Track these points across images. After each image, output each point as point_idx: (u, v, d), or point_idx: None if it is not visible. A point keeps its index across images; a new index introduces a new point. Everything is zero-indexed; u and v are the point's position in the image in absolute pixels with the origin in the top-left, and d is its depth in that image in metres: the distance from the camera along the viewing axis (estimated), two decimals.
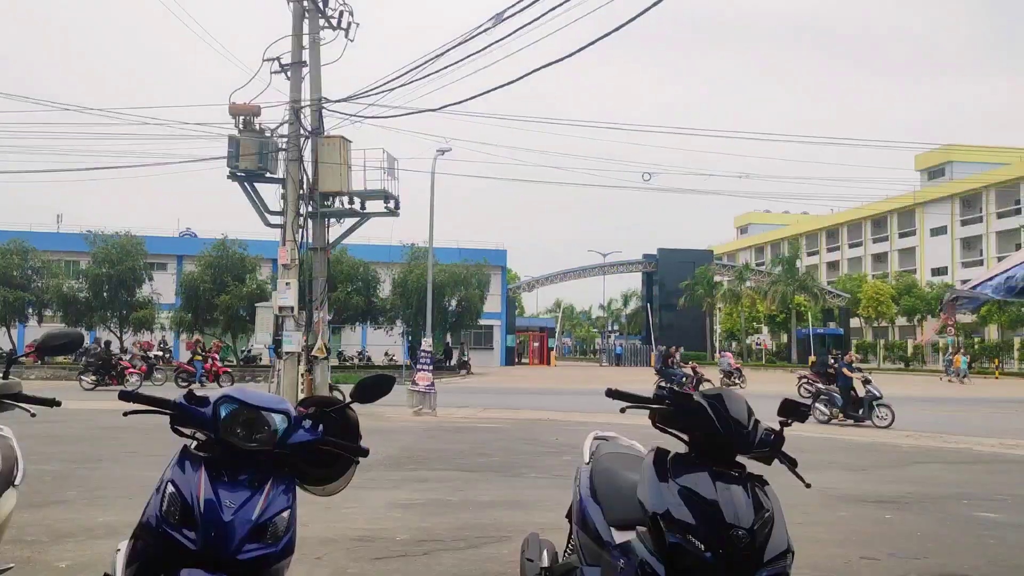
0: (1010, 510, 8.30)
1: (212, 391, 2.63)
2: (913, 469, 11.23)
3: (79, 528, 6.51)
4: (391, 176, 19.44)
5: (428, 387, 18.44)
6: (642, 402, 2.91)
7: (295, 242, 17.44)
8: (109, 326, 39.20)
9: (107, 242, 38.30)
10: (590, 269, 69.52)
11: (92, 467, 9.86)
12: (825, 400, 18.23)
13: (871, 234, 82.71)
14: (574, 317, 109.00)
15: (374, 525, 6.85)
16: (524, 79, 14.20)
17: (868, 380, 17.78)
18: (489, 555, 5.95)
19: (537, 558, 3.68)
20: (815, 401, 18.34)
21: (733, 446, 2.70)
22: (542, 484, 9.18)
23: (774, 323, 67.65)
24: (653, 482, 2.65)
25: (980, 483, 10.12)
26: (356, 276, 40.19)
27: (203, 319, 37.82)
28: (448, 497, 8.25)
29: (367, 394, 2.84)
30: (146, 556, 2.35)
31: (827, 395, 18.23)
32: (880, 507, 8.24)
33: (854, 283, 67.50)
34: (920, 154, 73.52)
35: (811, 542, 6.33)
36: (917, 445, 14.11)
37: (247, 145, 17.86)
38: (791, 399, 2.89)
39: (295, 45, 17.54)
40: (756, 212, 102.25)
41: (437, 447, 12.51)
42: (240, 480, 2.41)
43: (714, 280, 63.17)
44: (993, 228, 67.28)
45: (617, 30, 11.32)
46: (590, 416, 16.63)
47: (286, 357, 17.45)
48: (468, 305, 42.74)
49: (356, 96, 17.72)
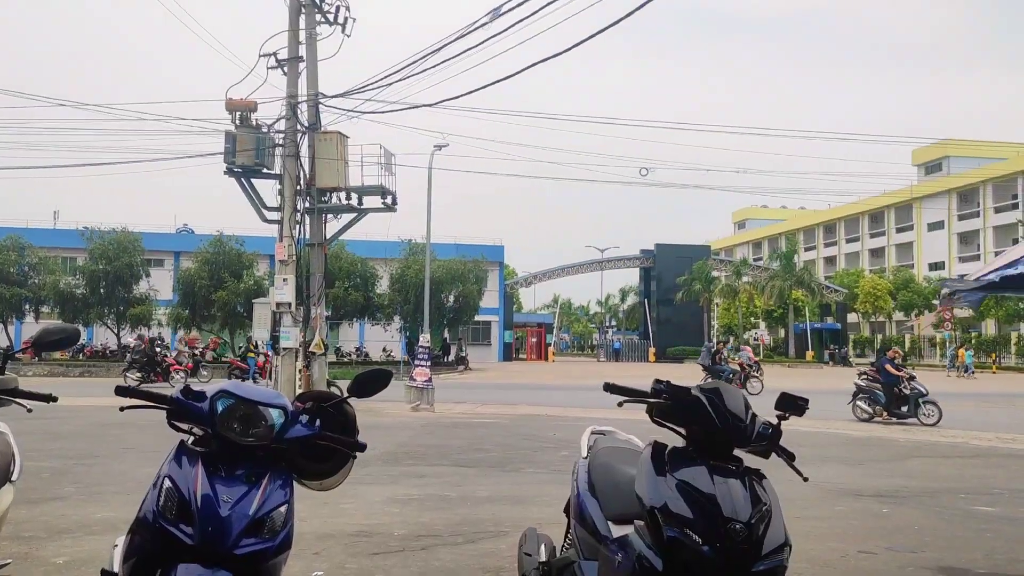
0: (1007, 504, 8.32)
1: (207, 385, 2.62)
2: (910, 463, 11.26)
3: (76, 524, 6.51)
4: (388, 172, 19.44)
5: (426, 383, 18.44)
6: (639, 396, 2.91)
7: (292, 238, 17.43)
8: (106, 322, 39.16)
9: (104, 238, 38.23)
10: (587, 264, 69.50)
11: (89, 463, 9.86)
12: (866, 398, 17.50)
13: (868, 229, 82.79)
14: (572, 312, 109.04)
15: (372, 520, 6.85)
16: (522, 74, 14.20)
17: (912, 376, 17.20)
18: (487, 550, 5.95)
19: (535, 552, 3.68)
20: (856, 399, 17.72)
21: (731, 440, 2.70)
22: (540, 479, 9.19)
23: (771, 318, 67.70)
24: (651, 476, 2.64)
25: (977, 477, 10.15)
26: (354, 272, 40.17)
27: (200, 315, 37.79)
28: (446, 492, 8.26)
29: (365, 389, 2.83)
30: (143, 551, 2.35)
31: (868, 392, 17.50)
32: (877, 501, 8.26)
33: (851, 278, 67.58)
34: (917, 149, 73.56)
35: (808, 536, 6.35)
36: (914, 439, 14.14)
37: (244, 141, 17.85)
38: (788, 393, 2.89)
39: (291, 40, 17.51)
40: (753, 207, 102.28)
41: (435, 442, 12.52)
42: (237, 475, 2.40)
43: (711, 275, 63.13)
44: (990, 223, 67.34)
45: (615, 24, 11.30)
46: (588, 411, 16.66)
47: (284, 353, 17.45)
48: (466, 301, 42.74)
49: (353, 91, 17.71)
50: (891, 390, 17.11)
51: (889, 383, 17.17)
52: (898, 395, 17.04)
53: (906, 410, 16.88)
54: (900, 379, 17.09)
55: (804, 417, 2.95)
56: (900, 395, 17.02)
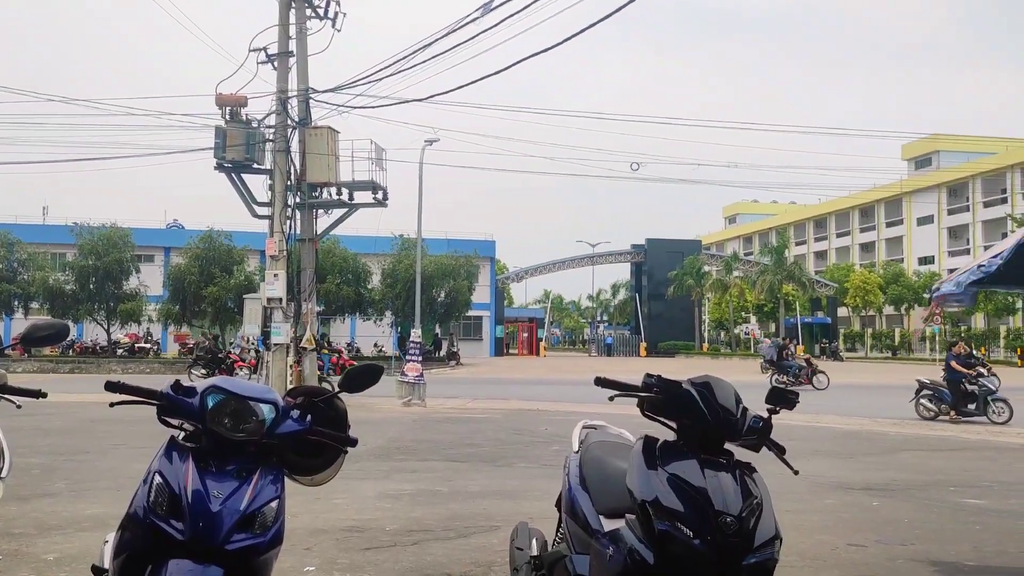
0: (995, 496, 8.38)
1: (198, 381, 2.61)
2: (900, 456, 11.31)
3: (67, 521, 6.49)
4: (379, 167, 19.40)
5: (417, 378, 18.44)
6: (630, 390, 2.91)
7: (283, 233, 17.38)
8: (96, 319, 39.00)
9: (93, 234, 38.06)
10: (579, 259, 69.55)
11: (79, 459, 9.83)
12: (929, 395, 16.62)
13: (859, 223, 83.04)
14: (563, 308, 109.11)
15: (363, 515, 6.85)
16: (512, 69, 14.17)
17: (982, 373, 16.32)
18: (479, 544, 5.96)
19: (526, 547, 3.68)
20: (919, 396, 16.79)
21: (721, 434, 2.71)
22: (531, 474, 9.20)
23: (762, 313, 67.93)
24: (642, 470, 2.65)
25: (966, 470, 10.21)
26: (346, 268, 40.12)
27: (191, 311, 37.69)
28: (437, 487, 8.26)
29: (356, 383, 2.82)
30: (134, 547, 2.34)
31: (932, 390, 16.61)
32: (867, 494, 8.30)
33: (842, 272, 67.81)
34: (907, 143, 73.79)
35: (799, 529, 6.38)
36: (904, 432, 14.22)
37: (234, 136, 17.78)
38: (778, 387, 2.90)
39: (281, 35, 17.44)
40: (744, 202, 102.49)
41: (426, 437, 12.52)
42: (228, 470, 2.40)
43: (703, 270, 63.28)
44: (980, 217, 67.63)
45: (605, 19, 11.30)
46: (579, 406, 16.67)
47: (274, 349, 17.41)
48: (457, 296, 42.73)
49: (344, 86, 17.66)
50: (957, 387, 16.24)
51: (955, 380, 16.29)
52: (965, 392, 16.17)
53: (974, 408, 16.07)
54: (967, 375, 16.24)
55: (795, 411, 2.96)
56: (967, 392, 16.17)
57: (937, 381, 16.68)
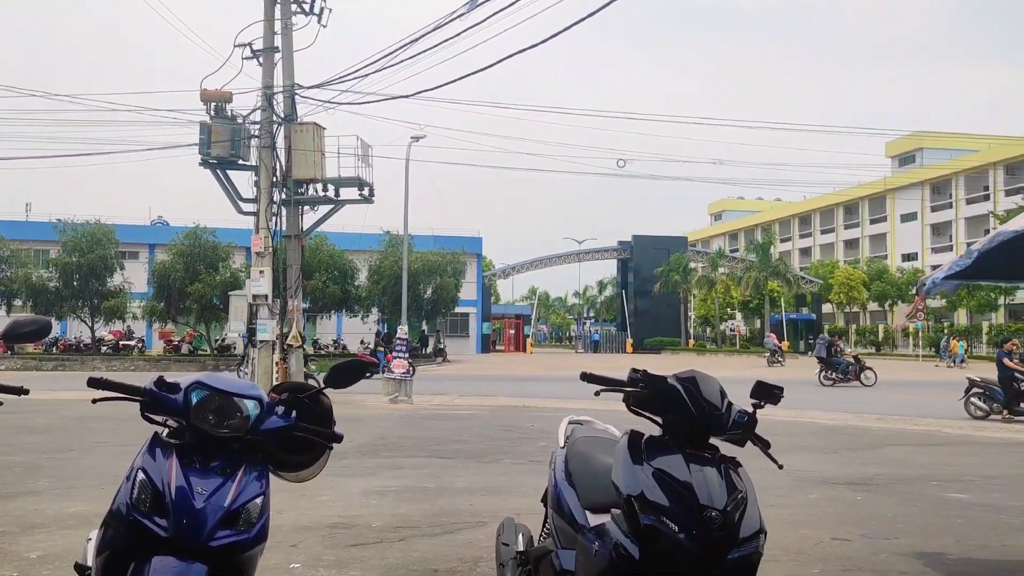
0: (978, 490, 8.45)
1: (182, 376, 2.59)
2: (883, 451, 11.39)
3: (50, 518, 6.44)
4: (365, 163, 19.35)
5: (404, 374, 18.41)
6: (616, 385, 2.91)
7: (269, 230, 17.30)
8: (80, 316, 38.69)
9: (77, 231, 37.70)
10: (565, 256, 69.64)
11: (62, 457, 9.76)
12: (980, 394, 16.11)
13: (843, 220, 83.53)
14: (550, 304, 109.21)
15: (349, 512, 6.83)
16: (499, 65, 14.15)
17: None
18: (465, 540, 5.96)
19: (513, 542, 3.69)
20: (968, 395, 16.32)
21: (706, 428, 2.72)
22: (518, 469, 9.21)
23: (748, 309, 68.24)
24: (627, 465, 2.65)
25: (949, 464, 10.29)
26: (332, 264, 39.98)
27: (176, 308, 37.41)
28: (424, 483, 8.25)
29: (341, 379, 2.81)
30: (117, 544, 2.32)
31: (983, 388, 16.10)
32: (851, 489, 8.35)
33: (826, 269, 68.24)
34: (891, 141, 74.23)
35: (783, 523, 6.41)
36: (888, 428, 14.31)
37: (219, 132, 17.68)
38: (763, 381, 2.90)
39: (267, 30, 17.34)
40: (730, 199, 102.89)
41: (413, 434, 12.50)
42: (212, 467, 2.38)
43: (689, 266, 63.49)
44: (962, 214, 68.15)
45: (591, 16, 11.30)
46: (565, 402, 16.70)
47: (260, 345, 17.34)
48: (444, 293, 42.70)
49: (330, 82, 17.57)
50: (1009, 386, 15.72)
51: (1007, 378, 15.81)
52: (1017, 391, 15.70)
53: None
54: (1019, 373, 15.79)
55: (779, 406, 2.97)
56: (1020, 391, 15.71)
57: (989, 379, 16.24)
